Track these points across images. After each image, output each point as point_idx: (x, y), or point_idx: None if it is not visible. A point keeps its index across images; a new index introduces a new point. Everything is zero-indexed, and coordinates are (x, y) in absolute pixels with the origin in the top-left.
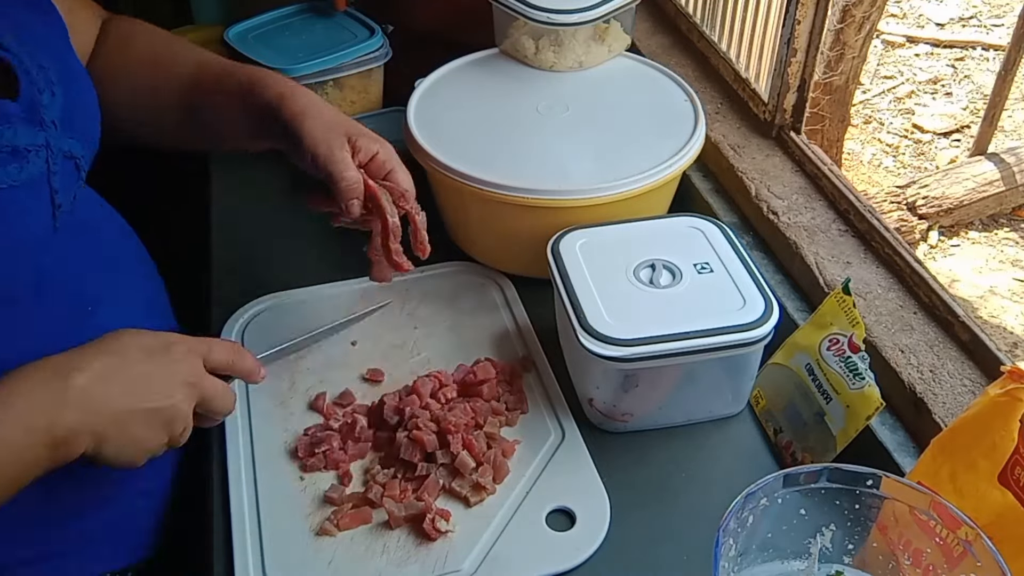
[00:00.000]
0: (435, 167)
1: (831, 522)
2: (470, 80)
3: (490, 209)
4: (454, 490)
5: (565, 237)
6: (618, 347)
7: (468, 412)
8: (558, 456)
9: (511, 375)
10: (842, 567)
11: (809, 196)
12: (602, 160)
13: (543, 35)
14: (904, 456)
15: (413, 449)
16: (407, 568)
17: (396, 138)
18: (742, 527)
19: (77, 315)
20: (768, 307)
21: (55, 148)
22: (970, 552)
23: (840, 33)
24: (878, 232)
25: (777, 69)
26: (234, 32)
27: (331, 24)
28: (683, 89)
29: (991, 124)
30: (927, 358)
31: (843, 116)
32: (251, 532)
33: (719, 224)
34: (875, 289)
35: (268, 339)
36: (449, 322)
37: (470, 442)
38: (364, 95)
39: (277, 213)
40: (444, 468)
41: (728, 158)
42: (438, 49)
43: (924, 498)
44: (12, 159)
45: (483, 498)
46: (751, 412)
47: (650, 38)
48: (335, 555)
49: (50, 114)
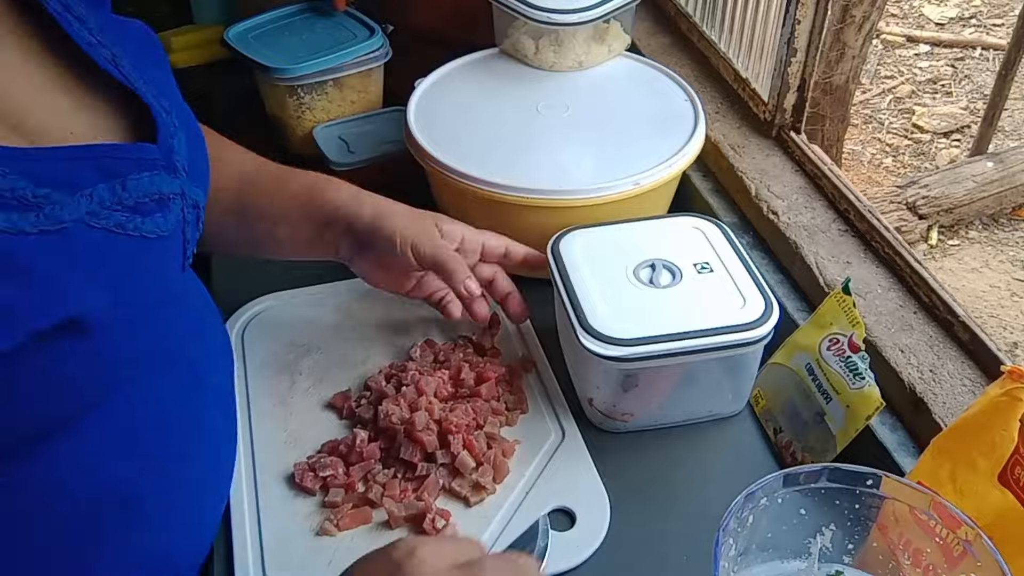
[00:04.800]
0: (435, 167)
1: (831, 522)
2: (470, 80)
3: (490, 209)
4: (454, 490)
5: (565, 237)
6: (618, 347)
7: (469, 413)
8: (558, 456)
9: (511, 375)
10: (842, 567)
11: (809, 196)
12: (602, 160)
13: (543, 35)
14: (904, 456)
15: (413, 449)
16: None
17: (396, 138)
18: (742, 527)
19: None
20: (768, 307)
21: (188, 196)
22: (970, 552)
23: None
24: (878, 232)
25: (777, 69)
26: (234, 32)
27: (331, 24)
28: (683, 89)
29: (991, 124)
30: (927, 358)
31: (843, 116)
32: (251, 531)
33: (719, 224)
34: (875, 289)
35: (268, 339)
36: (449, 321)
37: (470, 442)
38: (364, 95)
39: None
40: (444, 468)
41: (728, 158)
42: (438, 49)
43: (924, 498)
44: (158, 208)
45: (483, 498)
46: (751, 412)
47: (650, 38)
48: (335, 555)
49: (181, 160)
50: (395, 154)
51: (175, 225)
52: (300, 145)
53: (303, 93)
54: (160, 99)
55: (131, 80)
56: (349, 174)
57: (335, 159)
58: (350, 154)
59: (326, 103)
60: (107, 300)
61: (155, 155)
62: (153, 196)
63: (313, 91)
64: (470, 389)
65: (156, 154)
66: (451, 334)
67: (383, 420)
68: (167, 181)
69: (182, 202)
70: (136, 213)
